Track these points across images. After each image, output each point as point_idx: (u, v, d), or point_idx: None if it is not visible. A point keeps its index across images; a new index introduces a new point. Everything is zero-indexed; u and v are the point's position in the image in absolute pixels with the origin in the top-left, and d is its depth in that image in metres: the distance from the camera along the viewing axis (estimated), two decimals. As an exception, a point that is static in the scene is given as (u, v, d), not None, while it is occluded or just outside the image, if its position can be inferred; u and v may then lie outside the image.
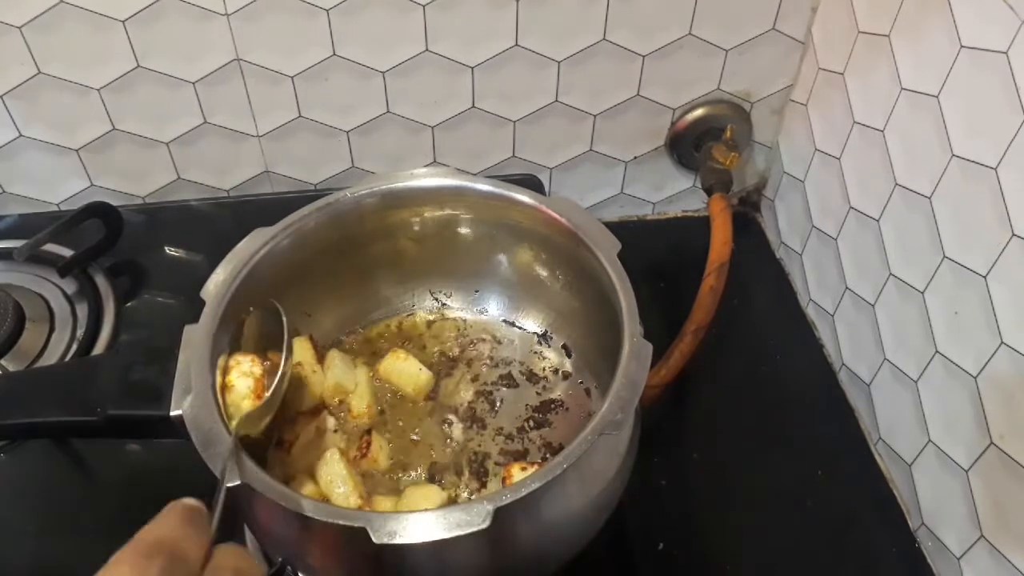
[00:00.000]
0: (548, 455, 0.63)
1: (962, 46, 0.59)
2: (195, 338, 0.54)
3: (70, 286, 0.81)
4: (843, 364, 0.81)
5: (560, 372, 0.68)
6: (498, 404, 0.66)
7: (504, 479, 0.57)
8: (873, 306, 0.75)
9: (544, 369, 0.69)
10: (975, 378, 0.61)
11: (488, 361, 0.69)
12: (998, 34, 0.55)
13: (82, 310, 0.79)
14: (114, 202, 0.86)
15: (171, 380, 0.52)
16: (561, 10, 0.77)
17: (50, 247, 0.82)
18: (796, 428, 0.77)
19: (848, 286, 0.79)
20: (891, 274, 0.71)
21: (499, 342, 0.70)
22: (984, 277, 0.59)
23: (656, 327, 0.72)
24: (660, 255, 0.93)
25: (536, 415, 0.65)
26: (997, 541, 0.60)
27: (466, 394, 0.67)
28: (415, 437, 0.64)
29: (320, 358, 0.65)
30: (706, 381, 0.78)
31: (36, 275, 0.82)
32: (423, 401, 0.66)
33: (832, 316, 0.83)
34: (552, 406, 0.66)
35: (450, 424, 0.64)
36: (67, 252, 0.82)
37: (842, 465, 0.74)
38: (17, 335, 0.75)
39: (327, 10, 0.75)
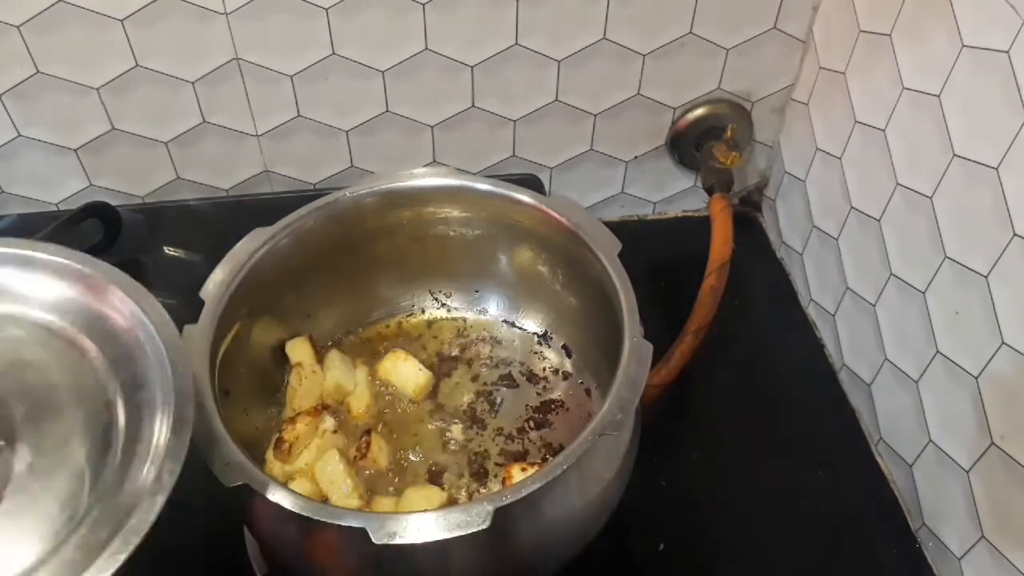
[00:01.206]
0: (548, 455, 0.63)
1: (964, 45, 0.59)
2: (195, 338, 0.53)
3: (69, 286, 0.81)
4: (844, 364, 0.81)
5: (560, 372, 0.68)
6: (498, 404, 0.66)
7: (504, 480, 0.57)
8: (874, 306, 0.75)
9: (544, 369, 0.68)
10: (976, 378, 0.61)
11: (488, 361, 0.69)
12: (999, 34, 0.55)
13: (81, 310, 0.79)
14: (113, 202, 0.85)
15: None
16: (561, 9, 0.77)
17: (49, 247, 0.81)
18: (796, 428, 0.76)
19: (849, 286, 0.79)
20: (892, 274, 0.71)
21: (499, 342, 0.70)
22: (985, 277, 0.59)
23: (656, 327, 0.72)
24: (660, 255, 0.92)
25: (536, 415, 0.65)
26: (998, 541, 0.60)
27: (466, 394, 0.67)
28: (415, 437, 0.63)
29: (320, 358, 0.65)
30: (707, 381, 0.78)
31: (35, 275, 0.82)
32: (423, 401, 0.66)
33: (833, 316, 0.83)
34: (552, 406, 0.66)
35: (450, 424, 0.64)
36: (66, 252, 0.82)
37: (843, 465, 0.74)
38: (16, 335, 0.75)
39: (326, 9, 0.75)
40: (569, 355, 0.69)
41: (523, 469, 0.57)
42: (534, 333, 0.70)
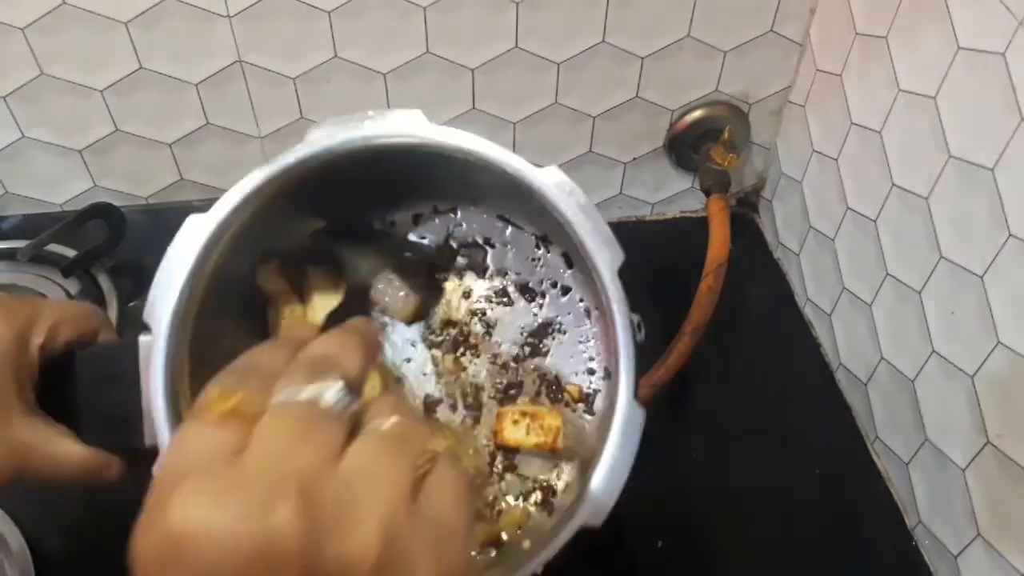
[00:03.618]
0: (542, 388, 0.59)
1: (959, 47, 0.60)
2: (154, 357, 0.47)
3: (73, 286, 0.82)
4: (840, 364, 0.82)
5: (559, 286, 0.61)
6: (491, 326, 0.61)
7: (496, 431, 0.56)
8: (870, 306, 0.75)
9: (542, 282, 0.61)
10: (972, 377, 0.61)
11: (480, 272, 0.62)
12: (995, 36, 0.56)
13: (85, 310, 0.80)
14: (117, 203, 0.86)
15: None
16: (561, 12, 0.77)
17: (53, 247, 0.82)
18: (794, 427, 0.77)
19: (845, 286, 0.79)
20: (888, 274, 0.72)
21: (492, 245, 0.62)
22: (981, 277, 0.59)
23: (654, 327, 0.72)
24: (658, 256, 0.93)
25: (531, 340, 0.61)
26: (994, 540, 0.60)
27: (457, 314, 0.61)
28: (406, 364, 0.60)
29: (297, 287, 0.60)
30: (704, 381, 0.79)
31: (39, 275, 0.82)
32: (413, 325, 0.61)
33: (829, 316, 0.83)
34: (549, 330, 0.61)
35: (442, 353, 0.61)
36: (70, 253, 0.82)
37: (839, 464, 0.75)
38: (20, 335, 0.75)
39: (329, 12, 0.76)
40: (570, 265, 0.61)
41: (515, 421, 0.55)
42: (532, 234, 0.61)
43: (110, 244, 0.84)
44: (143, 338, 0.47)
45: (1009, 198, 0.56)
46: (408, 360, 0.61)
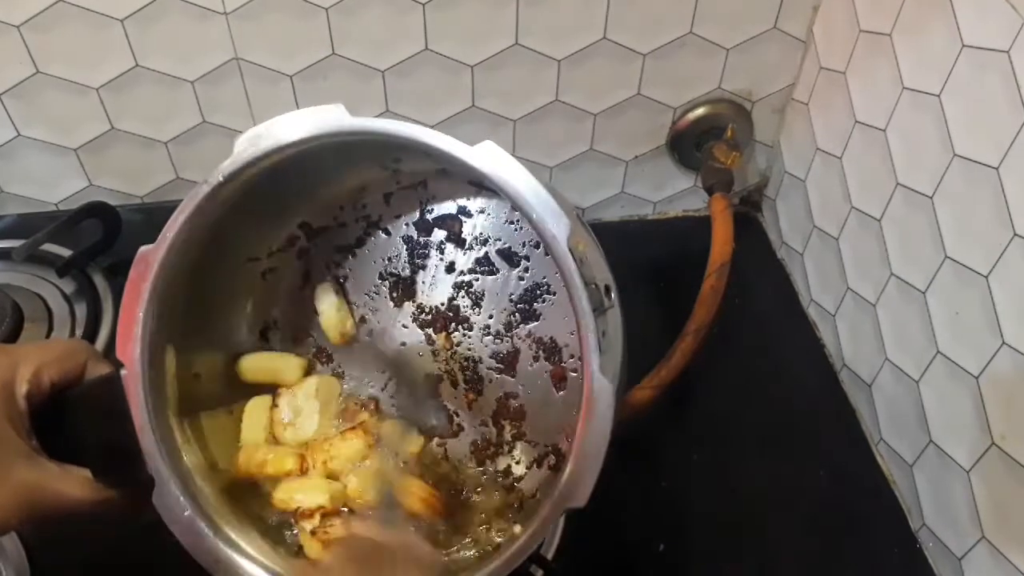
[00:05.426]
0: (540, 353, 0.58)
1: (964, 45, 0.59)
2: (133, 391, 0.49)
3: (68, 286, 0.81)
4: (844, 364, 0.81)
5: (541, 246, 0.58)
6: (479, 297, 0.60)
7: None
8: (874, 306, 0.75)
9: (523, 245, 0.59)
10: (976, 378, 0.61)
11: (460, 243, 0.60)
12: (1000, 33, 0.55)
13: (80, 310, 0.79)
14: (113, 202, 0.86)
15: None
16: (561, 9, 0.77)
17: (48, 247, 0.82)
18: (797, 428, 0.76)
19: (849, 286, 0.79)
20: (892, 274, 0.71)
21: (468, 215, 0.60)
22: (985, 277, 0.59)
23: (657, 327, 0.72)
24: (661, 255, 0.92)
25: (521, 306, 0.59)
26: (998, 542, 0.60)
27: (444, 289, 0.60)
28: (402, 353, 0.60)
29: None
30: (707, 381, 0.78)
31: (34, 275, 0.82)
32: (401, 308, 0.60)
33: (833, 316, 0.83)
34: (538, 292, 0.59)
35: (434, 330, 0.60)
36: (65, 252, 0.82)
37: (843, 465, 0.74)
38: (16, 335, 0.75)
39: (326, 9, 0.75)
40: None
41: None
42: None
43: (106, 243, 0.84)
44: (123, 372, 0.48)
45: (1014, 197, 0.56)
46: (403, 344, 0.61)
